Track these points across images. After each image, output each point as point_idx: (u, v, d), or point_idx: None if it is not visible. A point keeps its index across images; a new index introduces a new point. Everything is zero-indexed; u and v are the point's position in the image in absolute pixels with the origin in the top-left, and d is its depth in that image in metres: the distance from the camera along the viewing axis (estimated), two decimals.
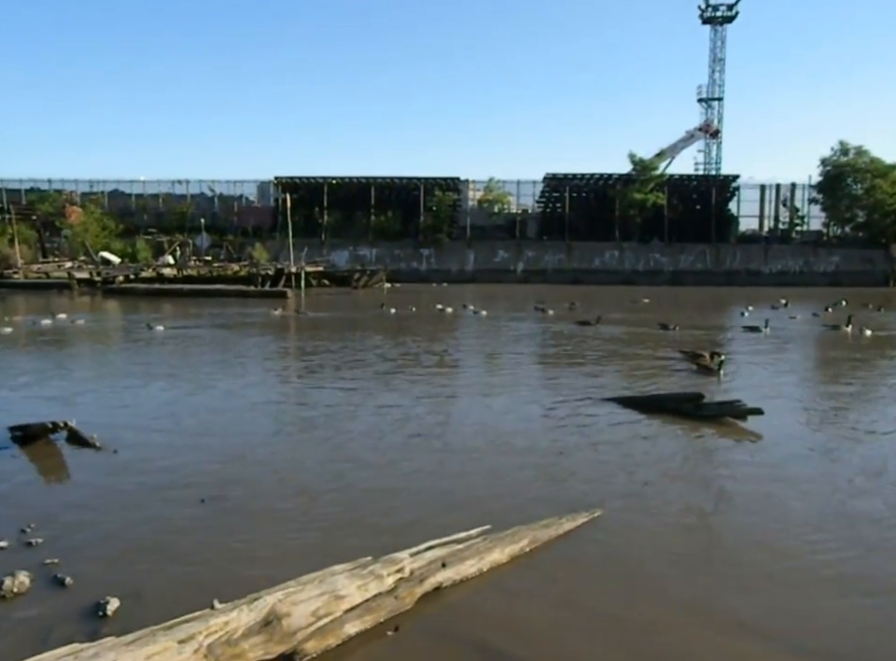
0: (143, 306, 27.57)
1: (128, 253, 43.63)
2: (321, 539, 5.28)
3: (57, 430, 7.71)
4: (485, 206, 51.14)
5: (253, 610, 3.58)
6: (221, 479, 6.61)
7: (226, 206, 51.02)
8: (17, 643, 3.82)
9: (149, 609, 4.13)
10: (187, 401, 10.04)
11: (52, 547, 5.06)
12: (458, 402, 10.25)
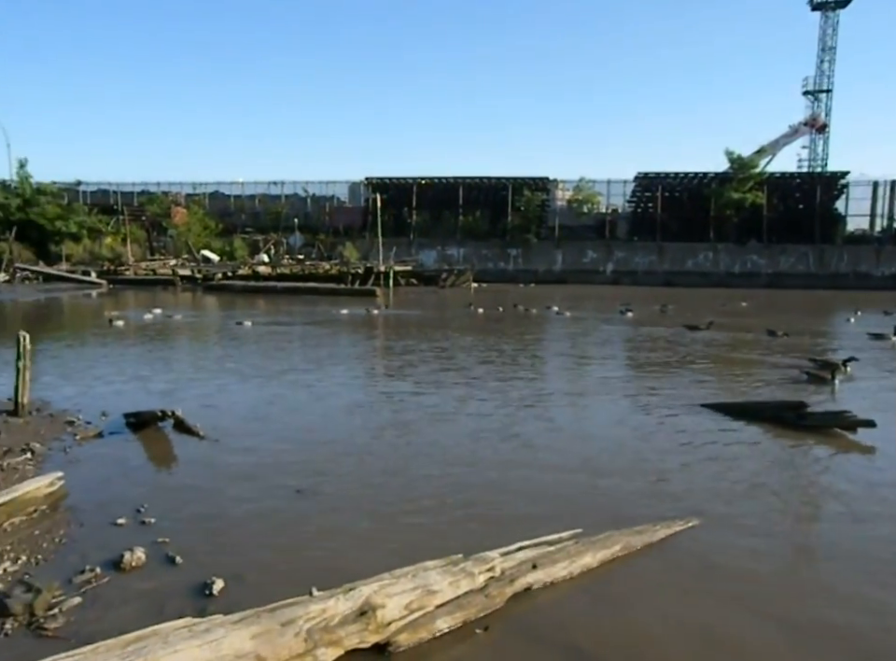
0: (239, 302, 28.72)
1: (226, 251, 45.53)
2: (413, 534, 5.38)
3: (165, 418, 8.19)
4: (574, 206, 50.47)
5: (349, 599, 3.70)
6: (316, 472, 6.82)
7: (318, 206, 52.42)
8: (137, 612, 4.10)
9: (250, 591, 4.34)
10: (282, 397, 10.38)
11: (163, 527, 5.38)
12: (552, 405, 10.04)
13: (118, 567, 4.68)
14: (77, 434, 8.00)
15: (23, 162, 48.82)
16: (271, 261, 41.45)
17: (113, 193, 52.79)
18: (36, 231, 44.55)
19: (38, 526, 5.38)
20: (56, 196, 47.91)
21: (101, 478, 6.64)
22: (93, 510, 5.78)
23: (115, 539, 5.17)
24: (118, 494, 6.21)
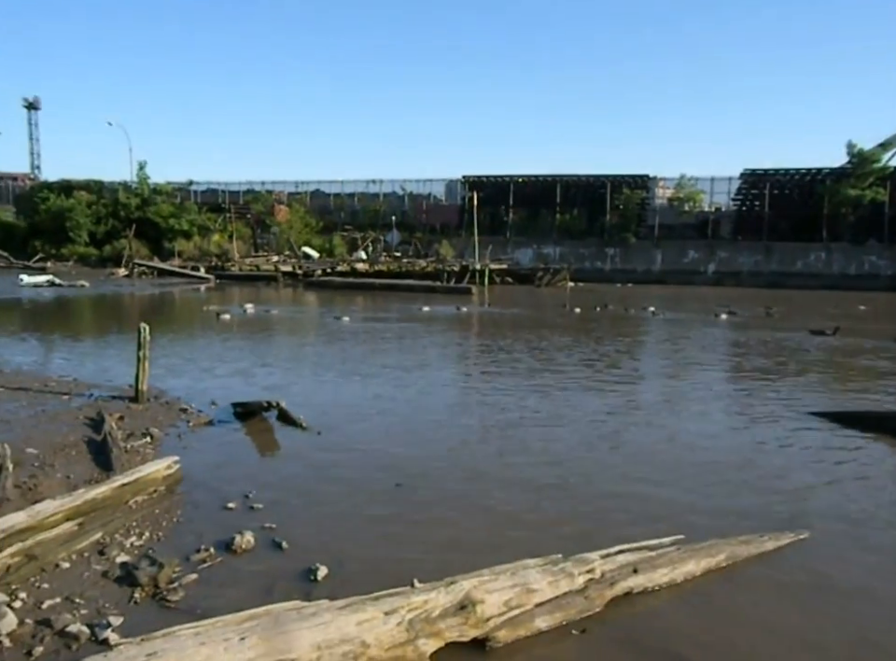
0: (337, 299, 29.52)
1: (326, 248, 46.92)
2: (512, 533, 5.39)
3: (270, 409, 8.54)
4: (675, 205, 48.93)
5: (450, 592, 3.75)
6: (414, 467, 6.94)
7: (415, 204, 53.16)
8: (247, 592, 4.32)
9: (352, 579, 4.47)
10: (380, 393, 10.59)
11: (270, 513, 5.63)
12: (659, 412, 9.70)
13: (229, 548, 4.93)
14: (189, 421, 8.47)
15: (142, 165, 52.16)
16: (368, 259, 42.40)
17: (221, 192, 55.38)
18: (152, 228, 47.43)
19: (158, 505, 5.74)
20: (170, 196, 50.79)
21: (212, 463, 7.00)
22: (206, 493, 6.10)
23: (226, 522, 5.45)
24: (227, 479, 6.53)
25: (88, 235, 48.65)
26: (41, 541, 4.59)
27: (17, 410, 8.56)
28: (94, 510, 5.20)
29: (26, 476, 6.07)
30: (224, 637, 3.20)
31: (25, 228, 50.78)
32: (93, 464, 6.69)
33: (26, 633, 3.78)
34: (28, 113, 65.92)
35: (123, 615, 3.99)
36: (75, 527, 4.94)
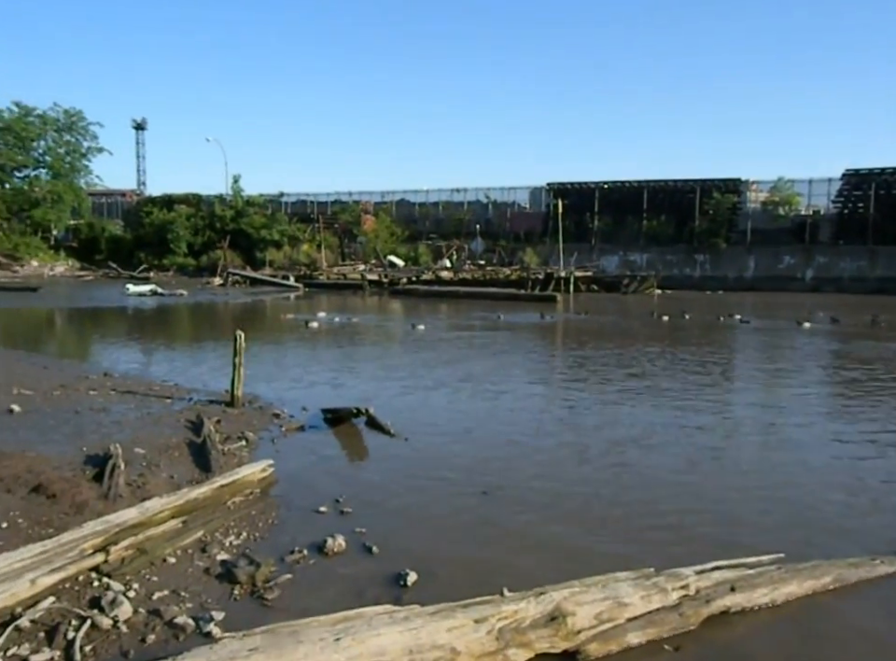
0: (422, 307, 29.86)
1: (411, 257, 47.59)
2: (601, 545, 5.32)
3: (359, 415, 8.73)
4: (770, 208, 46.97)
5: (540, 603, 3.73)
6: (502, 476, 6.92)
7: (499, 212, 53.20)
8: (339, 594, 4.42)
9: (441, 586, 4.51)
10: (465, 402, 10.60)
11: (360, 517, 5.74)
12: (750, 426, 9.33)
13: (321, 551, 5.06)
14: (282, 426, 8.77)
15: (237, 178, 54.53)
16: (453, 267, 42.73)
17: (310, 203, 57.10)
18: (245, 239, 49.42)
19: (254, 506, 5.96)
20: (262, 207, 52.80)
21: (304, 468, 7.22)
22: (298, 496, 6.29)
23: (318, 525, 5.61)
24: (318, 483, 6.72)
25: (186, 246, 51.19)
26: (150, 537, 4.85)
27: (126, 412, 9.08)
28: (196, 509, 5.45)
29: (135, 475, 6.43)
30: (320, 636, 3.30)
31: (131, 240, 53.91)
32: (194, 465, 7.01)
33: (140, 621, 4.00)
34: (136, 133, 70.05)
35: (224, 611, 4.16)
36: (179, 525, 5.19)
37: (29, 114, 54.80)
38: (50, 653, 3.64)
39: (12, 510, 5.43)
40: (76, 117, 56.17)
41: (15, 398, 9.58)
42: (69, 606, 4.02)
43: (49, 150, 55.84)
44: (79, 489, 5.89)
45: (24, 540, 4.85)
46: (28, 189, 54.46)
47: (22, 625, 3.78)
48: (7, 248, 51.06)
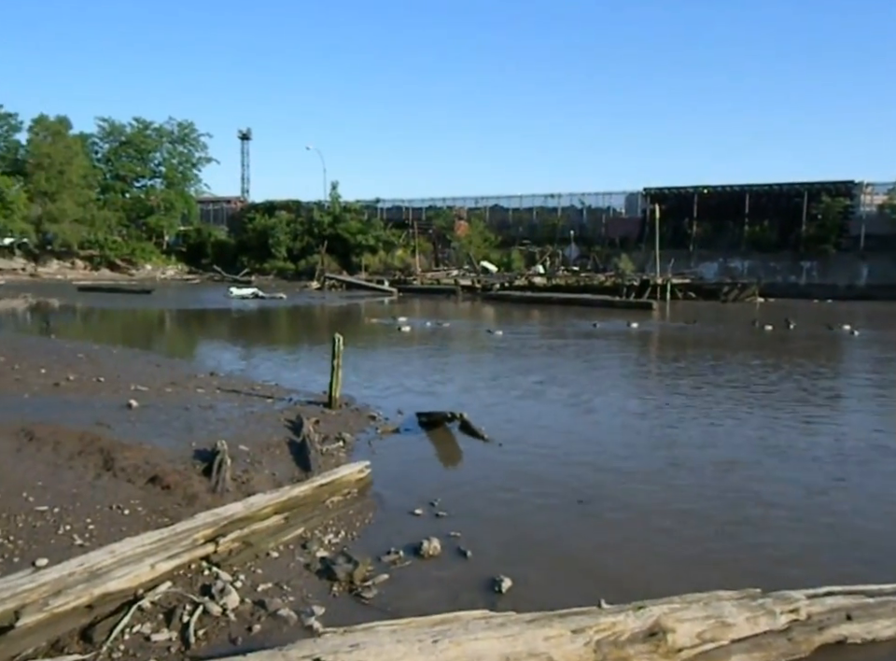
0: (514, 313, 29.79)
1: (504, 263, 47.59)
2: (700, 560, 5.16)
3: (453, 420, 8.81)
4: (888, 212, 44.07)
5: (639, 618, 3.65)
6: (597, 486, 6.82)
7: (594, 218, 52.45)
8: (434, 596, 4.48)
9: (536, 594, 4.49)
10: (556, 409, 10.52)
11: (455, 521, 5.79)
12: (871, 449, 8.66)
13: (417, 553, 5.14)
14: (378, 428, 8.95)
15: (335, 185, 56.24)
16: (546, 273, 42.44)
17: (405, 209, 58.09)
18: (342, 244, 50.80)
19: (351, 506, 6.11)
20: (358, 213, 54.13)
21: (399, 470, 7.34)
22: (394, 498, 6.41)
23: (413, 527, 5.69)
24: (413, 486, 6.83)
25: (286, 251, 53.13)
26: (255, 531, 5.06)
27: (231, 410, 9.51)
28: (297, 506, 5.63)
29: (240, 470, 6.72)
30: (418, 637, 3.35)
31: (235, 245, 56.48)
32: (294, 464, 7.26)
33: (246, 611, 4.19)
34: (241, 143, 73.40)
35: (324, 606, 4.29)
36: (281, 521, 5.39)
37: (147, 128, 58.57)
38: (168, 633, 3.87)
39: (133, 498, 5.80)
40: (188, 129, 59.57)
41: (132, 393, 10.22)
42: (184, 591, 4.25)
43: (164, 161, 59.44)
44: (190, 482, 6.21)
45: (143, 526, 5.17)
46: (145, 197, 58.06)
47: (144, 606, 4.03)
48: (125, 253, 54.60)
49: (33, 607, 3.56)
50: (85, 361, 13.58)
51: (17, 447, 6.97)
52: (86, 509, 5.54)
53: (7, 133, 52.99)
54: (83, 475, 6.37)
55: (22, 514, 5.31)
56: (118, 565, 4.08)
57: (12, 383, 10.83)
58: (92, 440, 7.25)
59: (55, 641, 3.70)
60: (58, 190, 49.85)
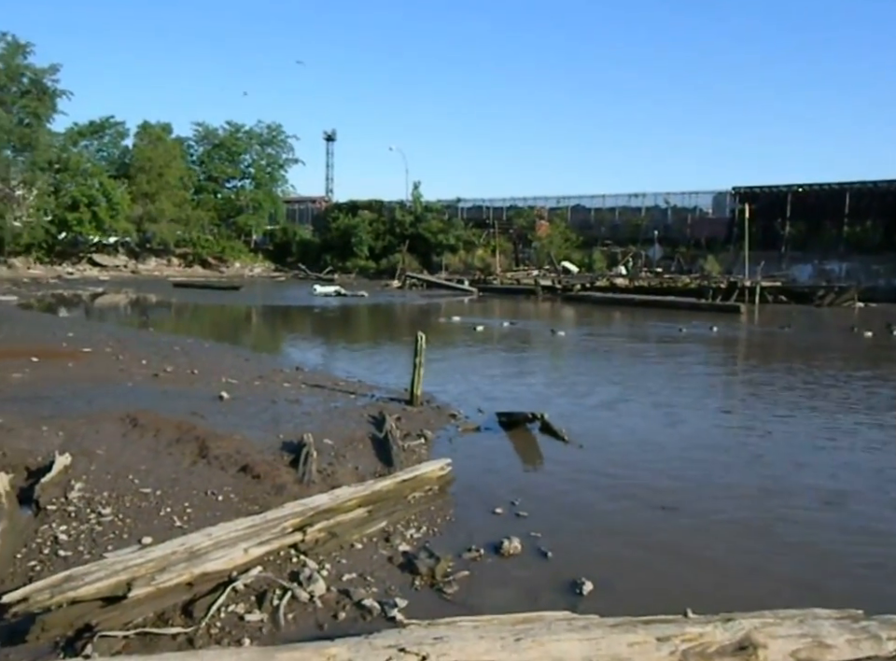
0: (595, 314, 29.36)
1: (585, 263, 46.93)
2: (793, 575, 4.98)
3: (534, 420, 8.79)
4: None
5: (728, 630, 3.56)
6: (681, 493, 6.69)
7: (679, 218, 50.97)
8: (514, 595, 4.51)
9: (618, 599, 4.44)
10: (641, 414, 10.34)
11: (535, 521, 5.79)
12: None
13: (498, 551, 5.17)
14: (459, 426, 9.03)
15: (417, 184, 56.81)
16: (628, 274, 41.61)
17: (486, 209, 58.06)
18: (423, 243, 51.28)
19: (433, 503, 6.20)
20: (439, 212, 54.47)
21: (479, 468, 7.39)
22: (474, 496, 6.46)
23: (493, 525, 5.73)
24: (494, 485, 6.86)
25: (368, 250, 54.04)
26: (340, 522, 5.21)
27: (315, 405, 9.79)
28: (380, 500, 5.76)
29: (325, 463, 6.92)
30: (501, 635, 3.38)
31: (319, 244, 57.88)
32: (376, 459, 7.41)
33: (332, 599, 4.33)
34: (326, 144, 75.16)
35: (406, 599, 4.38)
36: (365, 514, 5.52)
37: (238, 131, 60.79)
38: (260, 615, 4.05)
39: (225, 485, 6.08)
40: (276, 131, 61.45)
41: (223, 385, 10.67)
42: (274, 576, 4.43)
43: (254, 163, 61.52)
44: (279, 472, 6.46)
45: (235, 513, 5.42)
46: (235, 197, 60.31)
47: (238, 588, 4.23)
48: (216, 251, 56.88)
49: (142, 581, 3.80)
50: (180, 354, 14.27)
51: (123, 432, 7.42)
52: (184, 493, 5.84)
53: (116, 140, 56.03)
54: (181, 461, 6.72)
55: (129, 495, 5.66)
56: (214, 547, 4.29)
57: (118, 372, 11.51)
58: (189, 428, 7.64)
59: (161, 613, 3.94)
60: (157, 192, 52.39)
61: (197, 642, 3.75)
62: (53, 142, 47.64)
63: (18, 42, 44.34)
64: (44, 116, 45.93)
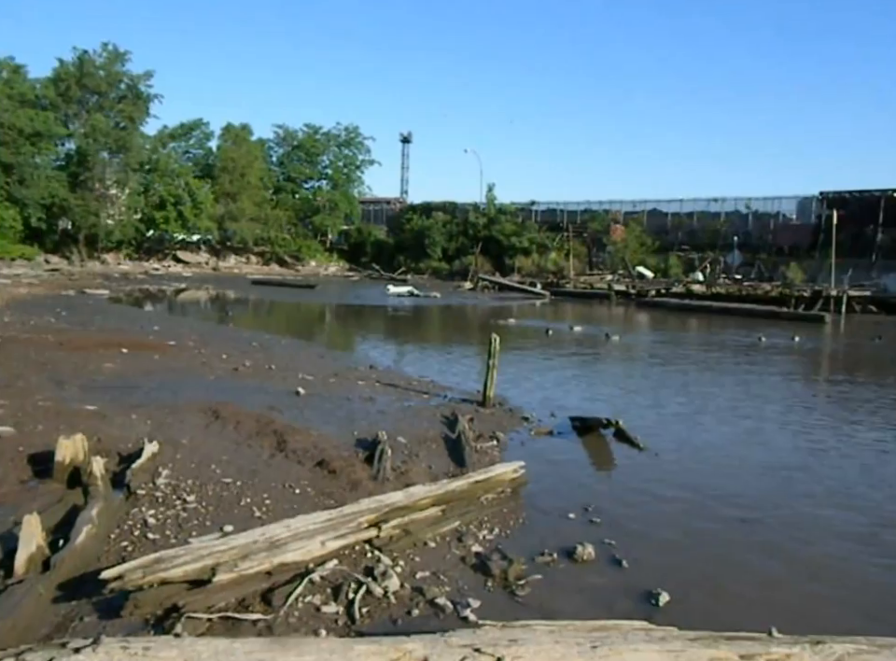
0: (670, 320, 28.63)
1: (661, 268, 45.89)
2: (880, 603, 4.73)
3: (608, 426, 8.66)
4: None
5: (818, 653, 3.41)
6: (763, 508, 6.44)
7: (761, 224, 49.20)
8: (587, 602, 4.46)
9: (696, 612, 4.33)
10: (718, 427, 9.97)
11: (609, 529, 5.70)
12: None
13: (571, 557, 5.11)
14: (531, 430, 8.97)
15: (491, 187, 56.80)
16: (706, 280, 40.44)
17: (560, 212, 57.50)
18: (496, 245, 51.24)
19: (505, 505, 6.18)
20: (513, 215, 54.30)
21: (552, 472, 7.32)
22: (547, 500, 6.40)
23: (566, 531, 5.67)
24: (566, 489, 6.79)
25: (441, 251, 54.39)
26: (414, 520, 5.26)
27: (389, 403, 9.92)
28: (453, 500, 5.78)
29: (399, 461, 7.00)
30: (577, 641, 3.34)
31: (393, 244, 58.65)
32: (449, 459, 7.44)
33: (405, 595, 4.37)
34: (402, 146, 76.04)
35: (479, 599, 4.38)
36: (438, 513, 5.56)
37: (317, 133, 62.29)
38: (336, 607, 4.13)
39: (302, 479, 6.23)
40: (353, 133, 62.62)
41: (300, 382, 10.94)
42: (349, 570, 4.51)
43: (331, 164, 62.87)
44: (354, 468, 6.57)
45: (311, 506, 5.54)
46: (312, 198, 61.78)
47: (314, 579, 4.33)
48: (293, 250, 58.39)
49: (225, 567, 3.94)
50: (258, 349, 14.71)
51: (206, 423, 7.70)
52: (262, 485, 6.02)
53: (201, 141, 58.34)
54: (260, 454, 6.93)
55: (211, 484, 5.87)
56: (293, 538, 4.41)
57: (200, 366, 11.96)
58: (267, 422, 7.87)
59: (241, 599, 4.07)
60: (239, 191, 54.23)
61: (276, 629, 3.85)
62: (145, 144, 49.98)
63: (118, 51, 46.85)
64: (138, 119, 48.33)
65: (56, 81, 45.75)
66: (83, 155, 45.85)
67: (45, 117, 42.45)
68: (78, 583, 4.13)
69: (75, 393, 9.09)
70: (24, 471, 5.98)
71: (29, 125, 41.04)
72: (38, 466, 6.02)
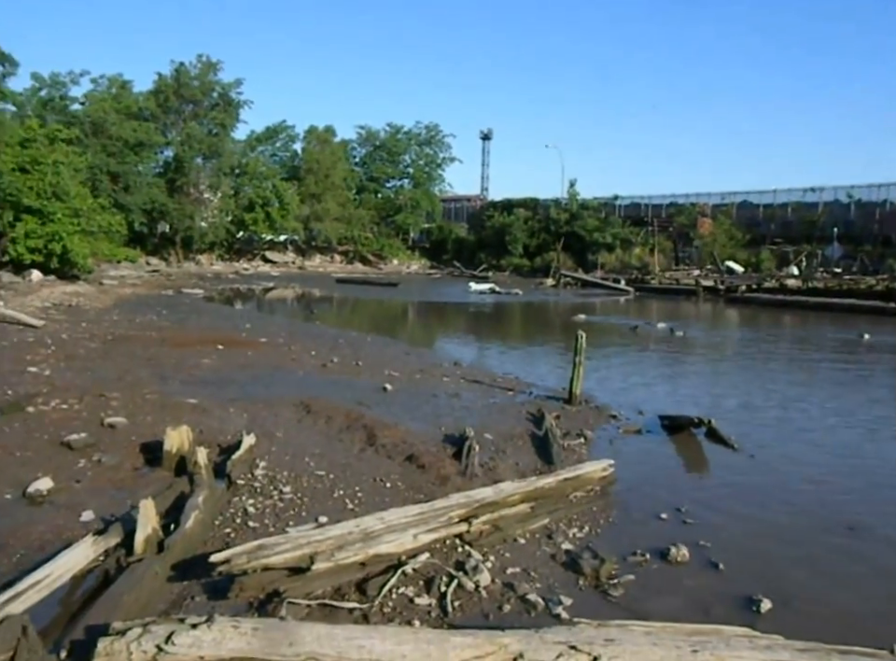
0: (762, 317, 27.48)
1: (751, 263, 44.13)
2: None
3: (700, 426, 8.40)
4: None
5: None
6: (870, 515, 6.10)
7: (864, 213, 46.43)
8: (683, 605, 4.35)
9: (800, 622, 4.16)
10: (822, 427, 9.45)
11: (703, 530, 5.53)
12: None
13: (664, 558, 4.99)
14: (619, 428, 8.81)
15: (573, 182, 56.11)
16: (801, 274, 38.61)
17: (644, 206, 56.11)
18: (578, 241, 50.54)
19: (594, 503, 6.10)
20: (595, 210, 53.42)
21: (642, 471, 7.16)
22: (637, 500, 6.28)
23: (658, 531, 5.54)
24: (657, 489, 6.63)
25: (522, 248, 54.14)
26: (503, 516, 5.28)
27: (475, 399, 9.96)
28: (542, 497, 5.76)
29: (486, 457, 7.03)
30: (676, 644, 3.28)
31: (474, 242, 58.81)
32: (536, 456, 7.40)
33: (496, 590, 4.39)
34: (482, 143, 76.03)
35: (571, 597, 4.35)
36: (528, 510, 5.55)
37: (398, 132, 63.14)
38: (429, 599, 4.19)
39: (392, 473, 6.34)
40: (434, 131, 63.13)
41: (386, 378, 11.13)
42: (440, 563, 4.57)
43: (412, 162, 63.61)
44: (443, 464, 6.64)
45: (402, 500, 5.64)
46: (394, 197, 62.69)
47: (407, 571, 4.41)
48: (375, 248, 59.47)
49: (322, 556, 4.07)
50: (345, 346, 15.05)
51: (298, 418, 7.96)
52: (354, 478, 6.17)
53: (287, 144, 60.22)
54: (350, 448, 7.10)
55: (306, 476, 6.07)
56: (386, 531, 4.50)
57: (290, 362, 12.36)
58: (357, 417, 8.05)
59: (337, 588, 4.19)
60: (323, 192, 55.66)
61: (371, 618, 3.94)
62: (235, 149, 52.00)
63: (210, 61, 48.93)
64: (229, 126, 50.34)
65: (156, 93, 48.24)
66: (180, 162, 48.15)
67: (147, 127, 44.79)
68: (189, 565, 4.36)
69: (177, 387, 9.56)
70: (137, 459, 6.37)
71: (133, 136, 43.40)
72: (149, 454, 6.40)
